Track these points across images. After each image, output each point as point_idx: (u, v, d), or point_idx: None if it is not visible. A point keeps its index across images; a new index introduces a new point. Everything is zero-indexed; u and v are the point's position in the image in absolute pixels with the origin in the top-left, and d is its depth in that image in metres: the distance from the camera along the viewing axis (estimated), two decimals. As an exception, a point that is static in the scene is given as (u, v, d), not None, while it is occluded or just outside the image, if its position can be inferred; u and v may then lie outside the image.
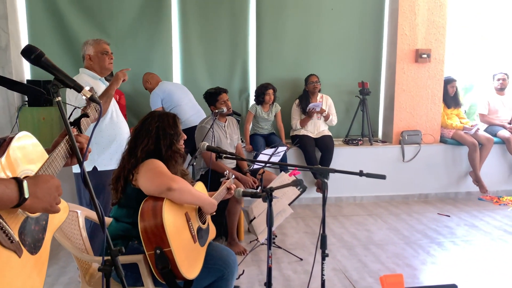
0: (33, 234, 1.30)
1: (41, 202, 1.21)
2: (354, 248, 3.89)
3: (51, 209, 1.26)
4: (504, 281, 3.26)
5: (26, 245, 1.26)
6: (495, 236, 4.18)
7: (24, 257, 1.24)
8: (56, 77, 1.32)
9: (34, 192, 1.17)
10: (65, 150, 1.42)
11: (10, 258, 1.19)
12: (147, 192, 2.09)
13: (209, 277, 2.26)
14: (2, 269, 1.15)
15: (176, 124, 2.34)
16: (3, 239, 1.16)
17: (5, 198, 1.10)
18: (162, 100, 4.64)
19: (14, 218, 1.22)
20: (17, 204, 1.14)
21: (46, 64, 1.30)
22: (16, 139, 1.25)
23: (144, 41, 5.23)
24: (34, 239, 1.30)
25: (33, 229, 1.30)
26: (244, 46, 5.43)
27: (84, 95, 1.34)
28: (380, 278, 1.13)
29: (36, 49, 1.28)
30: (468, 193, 5.51)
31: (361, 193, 5.35)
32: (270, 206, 1.88)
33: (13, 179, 1.14)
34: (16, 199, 1.13)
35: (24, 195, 1.13)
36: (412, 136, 5.44)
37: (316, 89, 5.15)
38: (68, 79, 1.33)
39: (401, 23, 5.31)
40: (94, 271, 2.44)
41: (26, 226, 1.26)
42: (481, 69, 6.06)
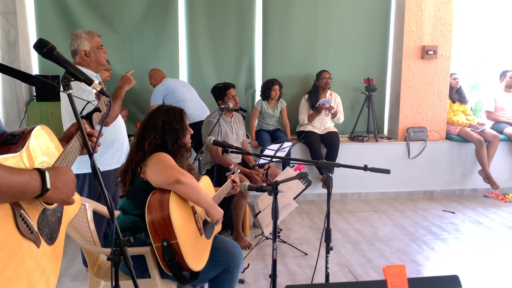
0: (50, 225, 1.33)
1: (60, 193, 1.24)
2: (358, 244, 3.91)
3: (67, 200, 1.29)
4: (508, 277, 3.26)
5: (44, 236, 1.29)
6: (500, 233, 4.18)
7: (42, 247, 1.27)
8: (67, 71, 1.35)
9: (54, 183, 1.20)
10: (79, 144, 1.45)
11: (30, 248, 1.22)
12: (155, 184, 2.12)
13: (214, 269, 2.29)
14: (22, 259, 1.18)
15: (183, 118, 2.36)
16: (24, 229, 1.19)
17: (29, 189, 1.13)
18: (164, 97, 4.66)
19: (33, 209, 1.25)
20: (39, 194, 1.17)
21: (58, 58, 1.33)
22: (35, 131, 1.28)
23: (151, 37, 5.26)
24: (51, 230, 1.34)
25: (50, 220, 1.34)
26: (250, 42, 5.44)
27: (94, 88, 1.37)
28: (383, 269, 1.16)
29: (48, 43, 1.31)
30: (474, 190, 5.50)
31: (366, 190, 5.36)
32: (275, 199, 1.90)
33: (36, 169, 1.17)
34: (39, 189, 1.16)
35: (47, 186, 1.17)
36: (418, 133, 5.44)
37: (328, 85, 5.16)
38: (79, 73, 1.36)
39: (408, 19, 5.30)
40: (101, 263, 2.48)
41: (43, 217, 1.30)
42: (488, 66, 6.03)
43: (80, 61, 2.98)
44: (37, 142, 1.27)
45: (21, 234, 1.18)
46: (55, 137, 1.38)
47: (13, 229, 1.16)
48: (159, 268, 2.20)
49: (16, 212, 1.17)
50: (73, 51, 2.99)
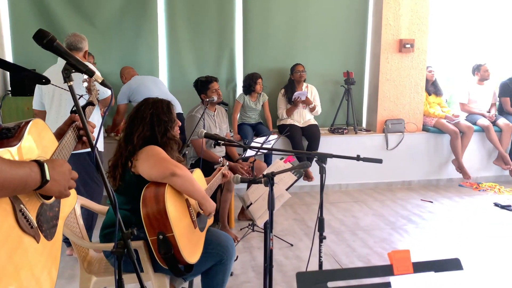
0: (48, 220, 1.32)
1: (58, 185, 1.23)
2: (342, 234, 3.99)
3: (65, 192, 1.28)
4: (484, 259, 3.40)
5: (43, 231, 1.28)
6: (476, 220, 4.34)
7: (41, 242, 1.26)
8: (68, 62, 1.33)
9: (52, 175, 1.19)
10: (74, 137, 1.44)
11: (30, 243, 1.20)
12: (149, 178, 2.11)
13: (208, 261, 2.30)
14: (23, 254, 1.17)
15: (170, 110, 2.35)
16: (24, 224, 1.17)
17: (30, 181, 1.12)
18: (129, 96, 4.55)
19: (32, 204, 1.23)
20: (39, 186, 1.16)
21: (58, 49, 1.31)
22: (31, 125, 1.26)
23: (130, 31, 5.17)
24: (49, 225, 1.32)
25: (48, 215, 1.32)
26: (231, 36, 5.43)
27: (96, 80, 1.35)
28: (388, 254, 1.19)
29: (48, 34, 1.29)
30: (449, 179, 5.68)
31: (346, 181, 5.46)
32: (271, 190, 1.92)
33: (35, 161, 1.16)
34: (39, 181, 1.15)
35: (46, 177, 1.15)
36: (396, 125, 5.56)
37: (302, 78, 5.21)
38: (80, 64, 1.34)
39: (385, 13, 5.40)
40: (91, 259, 2.46)
41: (42, 212, 1.28)
42: (462, 60, 6.21)
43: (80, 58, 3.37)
44: (32, 136, 1.26)
45: (21, 229, 1.17)
46: (50, 131, 1.36)
47: (13, 224, 1.15)
48: (152, 262, 2.20)
49: (16, 207, 1.16)
50: (79, 47, 3.41)
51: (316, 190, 5.30)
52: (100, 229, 2.35)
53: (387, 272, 1.22)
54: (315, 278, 1.18)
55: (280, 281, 3.07)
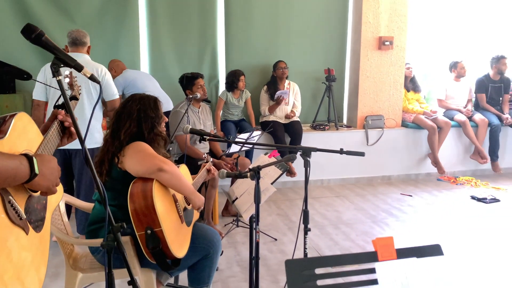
0: (36, 213, 1.33)
1: (46, 180, 1.24)
2: (325, 228, 4.06)
3: (52, 188, 1.29)
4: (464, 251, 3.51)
5: (31, 223, 1.29)
6: (454, 213, 4.46)
7: (30, 234, 1.27)
8: (56, 57, 1.33)
9: (41, 170, 1.20)
10: (58, 130, 1.45)
11: (19, 234, 1.21)
12: (136, 174, 2.12)
13: (195, 256, 2.33)
14: (13, 245, 1.18)
15: (157, 106, 2.36)
16: (13, 215, 1.18)
17: (19, 174, 1.13)
18: (124, 88, 4.56)
19: (20, 196, 1.24)
20: (28, 180, 1.16)
21: (47, 44, 1.31)
22: (16, 118, 1.26)
23: (110, 27, 5.13)
24: (37, 217, 1.33)
25: (36, 207, 1.33)
26: (213, 33, 5.43)
27: (84, 74, 1.36)
28: (373, 241, 1.24)
29: (36, 28, 1.29)
30: (428, 174, 5.81)
31: (328, 176, 5.53)
32: (257, 184, 1.96)
33: (24, 155, 1.16)
34: (28, 174, 1.16)
35: (35, 171, 1.16)
36: (376, 121, 5.66)
37: (284, 75, 5.26)
38: (68, 59, 1.34)
39: (365, 11, 5.48)
40: (77, 255, 2.45)
41: (30, 204, 1.29)
42: (439, 57, 6.35)
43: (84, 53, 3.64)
44: (18, 130, 1.26)
45: (11, 221, 1.18)
46: (35, 125, 1.36)
47: (2, 215, 1.16)
48: (139, 257, 2.21)
49: (4, 198, 1.16)
50: (84, 42, 3.64)
51: (299, 185, 5.36)
52: (86, 226, 2.35)
53: (371, 259, 1.27)
54: (303, 265, 1.22)
55: (265, 274, 3.11)
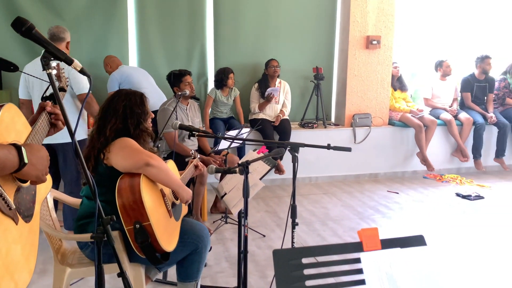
0: (25, 203, 1.34)
1: (35, 169, 1.25)
2: (312, 224, 4.10)
3: (41, 177, 1.30)
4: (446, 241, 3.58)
5: (21, 213, 1.29)
6: (440, 210, 4.54)
7: (20, 224, 1.28)
8: (46, 50, 1.34)
9: (30, 159, 1.21)
10: (46, 121, 1.46)
11: (9, 224, 1.22)
12: (123, 169, 2.13)
13: (184, 250, 2.34)
14: (3, 235, 1.19)
15: (143, 102, 2.37)
16: (3, 205, 1.19)
17: (8, 163, 1.14)
18: (120, 84, 4.59)
19: (9, 186, 1.25)
20: (17, 169, 1.17)
21: (37, 37, 1.32)
22: (4, 109, 1.27)
23: (99, 24, 5.11)
24: (26, 208, 1.34)
25: (25, 198, 1.34)
26: (202, 30, 5.44)
27: (74, 68, 1.37)
28: (358, 232, 1.27)
29: (26, 21, 1.30)
30: (414, 172, 5.90)
31: (316, 174, 5.58)
32: (246, 178, 1.98)
33: (12, 145, 1.17)
34: (17, 164, 1.17)
35: (24, 160, 1.17)
36: (363, 119, 5.72)
37: (276, 74, 5.29)
38: (58, 52, 1.35)
39: (353, 10, 5.54)
40: (65, 251, 2.45)
41: (19, 194, 1.30)
42: (426, 56, 6.44)
43: (62, 48, 3.51)
44: (6, 120, 1.27)
45: (0, 211, 1.18)
46: (23, 116, 1.37)
47: None
48: (127, 252, 2.22)
49: None
50: (61, 37, 3.58)
51: (287, 183, 5.40)
52: (74, 221, 2.35)
53: (357, 249, 1.31)
54: (290, 255, 1.25)
55: (253, 270, 3.14)
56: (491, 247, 3.59)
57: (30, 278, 1.33)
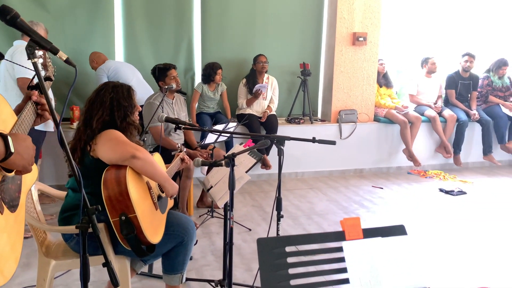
0: (11, 193, 1.33)
1: (22, 158, 1.25)
2: (298, 218, 4.13)
3: (28, 167, 1.30)
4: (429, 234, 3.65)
5: (6, 203, 1.29)
6: (423, 204, 4.61)
7: (5, 214, 1.28)
8: (32, 39, 1.34)
9: (16, 148, 1.21)
10: (32, 110, 1.45)
11: (-6, 213, 1.22)
12: (109, 161, 2.13)
13: (169, 243, 2.35)
14: (-13, 224, 1.18)
15: (131, 95, 2.37)
16: None
17: None
18: (108, 77, 4.56)
19: (-7, 176, 1.24)
20: (3, 158, 1.17)
21: (22, 26, 1.31)
22: None
23: (84, 17, 5.05)
24: (11, 198, 1.34)
25: (10, 187, 1.33)
26: (189, 25, 5.42)
27: (60, 57, 1.37)
28: (341, 222, 1.31)
29: (11, 10, 1.29)
30: (399, 167, 5.97)
31: (302, 169, 5.62)
32: (232, 170, 2.00)
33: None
34: (3, 153, 1.16)
35: (10, 149, 1.17)
36: (349, 115, 5.77)
37: (264, 69, 5.30)
38: (44, 41, 1.35)
39: (340, 7, 5.57)
40: (49, 243, 2.44)
41: (4, 184, 1.29)
42: (411, 53, 6.52)
43: None
44: None
45: None
46: (8, 105, 1.37)
47: None
48: (113, 244, 2.22)
49: None
50: None
51: (273, 178, 5.43)
52: (59, 213, 2.34)
53: (339, 238, 1.34)
54: (274, 243, 1.27)
55: (239, 263, 3.16)
56: (472, 240, 3.67)
57: (16, 266, 1.33)
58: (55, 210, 3.82)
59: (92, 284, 2.75)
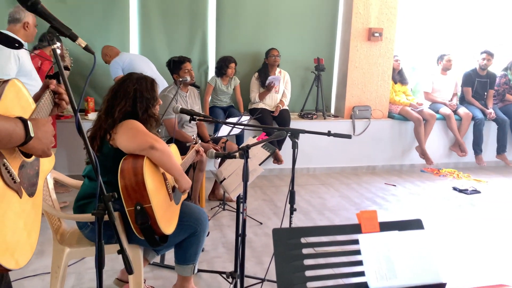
0: (29, 178, 1.35)
1: (41, 143, 1.26)
2: (309, 213, 4.12)
3: (47, 151, 1.31)
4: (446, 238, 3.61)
5: (24, 188, 1.30)
6: (436, 203, 4.57)
7: (24, 198, 1.29)
8: (52, 25, 1.34)
9: (36, 133, 1.22)
10: (50, 99, 1.46)
11: (13, 197, 1.23)
12: (127, 150, 2.14)
13: (182, 233, 2.36)
14: (7, 208, 1.20)
15: (154, 88, 2.39)
16: (8, 178, 1.20)
17: (14, 136, 1.15)
18: (122, 70, 4.58)
19: (13, 160, 1.25)
20: (23, 142, 1.18)
21: (42, 12, 1.32)
22: (9, 84, 1.27)
23: (100, 10, 5.07)
24: (30, 183, 1.35)
25: (29, 173, 1.35)
26: (203, 19, 5.42)
27: (79, 44, 1.38)
28: (357, 214, 1.29)
29: (32, -5, 1.30)
30: (412, 165, 5.92)
31: (314, 165, 5.60)
32: (246, 162, 2.00)
33: (18, 118, 1.18)
34: (23, 137, 1.18)
35: (30, 134, 1.18)
36: (363, 111, 5.73)
37: (276, 63, 5.28)
38: (64, 28, 1.36)
39: (356, 2, 5.52)
40: (64, 231, 2.47)
41: (23, 169, 1.31)
42: (427, 50, 6.44)
43: (18, 29, 3.46)
44: (11, 95, 1.27)
45: (5, 183, 1.20)
46: (27, 92, 1.38)
47: None
48: (127, 233, 2.24)
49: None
50: (17, 18, 3.43)
51: (285, 173, 5.42)
52: (74, 201, 2.36)
53: (355, 230, 1.32)
54: (290, 234, 1.27)
55: (250, 255, 3.16)
56: (487, 238, 3.62)
57: (32, 254, 1.34)
58: (68, 199, 3.86)
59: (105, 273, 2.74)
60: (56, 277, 2.30)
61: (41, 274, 2.80)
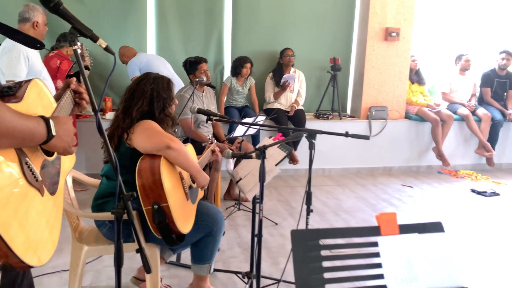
0: (51, 176, 1.37)
1: (62, 141, 1.28)
2: (325, 214, 4.10)
3: (69, 149, 1.33)
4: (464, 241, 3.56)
5: (46, 186, 1.32)
6: (454, 205, 4.50)
7: (45, 196, 1.31)
8: (73, 26, 1.36)
9: (57, 131, 1.24)
10: (71, 98, 1.48)
11: (35, 196, 1.25)
12: (144, 150, 2.16)
13: (198, 233, 2.37)
14: (29, 205, 1.22)
15: (170, 88, 2.40)
16: (30, 176, 1.22)
17: (37, 134, 1.17)
18: (140, 70, 4.62)
19: (36, 159, 1.27)
20: (45, 141, 1.20)
21: (64, 13, 1.34)
22: (32, 84, 1.30)
23: (119, 11, 5.13)
24: (51, 181, 1.37)
25: (50, 171, 1.37)
26: (219, 19, 5.44)
27: (100, 45, 1.39)
28: (376, 217, 1.28)
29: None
30: (429, 166, 5.85)
31: (329, 166, 5.57)
32: (263, 162, 1.99)
33: (40, 117, 1.20)
34: (45, 135, 1.19)
35: (52, 132, 1.20)
36: (379, 112, 5.68)
37: (291, 63, 5.27)
38: (85, 29, 1.38)
39: (373, 1, 5.47)
40: (82, 229, 2.50)
41: (45, 168, 1.33)
42: (445, 50, 6.35)
43: (27, 29, 3.40)
44: (33, 95, 1.30)
45: (27, 181, 1.21)
46: (48, 91, 1.40)
47: (20, 175, 1.19)
48: (144, 232, 2.26)
49: (21, 159, 1.20)
50: (26, 18, 3.40)
51: (300, 173, 5.41)
52: (92, 200, 2.39)
53: (374, 233, 1.31)
54: (308, 236, 1.26)
55: (265, 256, 3.16)
56: (507, 242, 3.56)
57: (54, 251, 1.36)
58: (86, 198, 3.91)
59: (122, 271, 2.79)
60: (74, 274, 2.33)
61: (59, 271, 2.84)
